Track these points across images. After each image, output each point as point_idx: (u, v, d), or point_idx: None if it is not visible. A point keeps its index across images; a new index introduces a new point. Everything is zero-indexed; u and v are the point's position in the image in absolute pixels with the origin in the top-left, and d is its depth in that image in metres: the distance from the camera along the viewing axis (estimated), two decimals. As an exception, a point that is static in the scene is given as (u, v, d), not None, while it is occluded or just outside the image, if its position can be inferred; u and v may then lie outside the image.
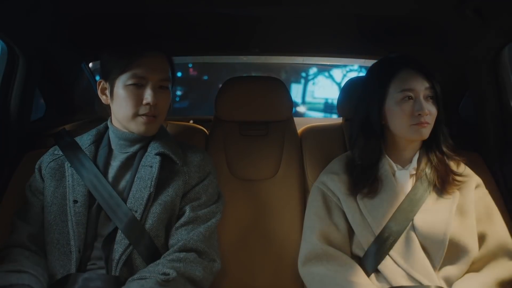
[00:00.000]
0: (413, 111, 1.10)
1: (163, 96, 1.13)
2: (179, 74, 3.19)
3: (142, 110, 1.10)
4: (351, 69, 3.15)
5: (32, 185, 1.18)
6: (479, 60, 1.40)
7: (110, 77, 1.13)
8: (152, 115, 1.11)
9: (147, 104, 1.09)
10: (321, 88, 3.19)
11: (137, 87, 1.10)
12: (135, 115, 1.11)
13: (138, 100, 1.10)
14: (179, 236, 1.10)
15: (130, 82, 1.10)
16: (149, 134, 1.16)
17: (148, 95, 1.09)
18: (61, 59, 1.53)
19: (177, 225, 1.12)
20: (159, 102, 1.11)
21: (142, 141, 1.17)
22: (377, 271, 1.09)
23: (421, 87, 1.11)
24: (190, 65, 3.20)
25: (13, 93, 1.31)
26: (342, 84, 1.52)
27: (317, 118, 2.95)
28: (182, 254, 1.06)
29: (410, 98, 1.11)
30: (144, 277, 0.99)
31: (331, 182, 1.18)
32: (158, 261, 1.05)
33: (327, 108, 3.18)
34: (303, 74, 3.28)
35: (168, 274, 0.99)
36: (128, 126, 1.14)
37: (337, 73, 3.19)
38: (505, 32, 1.26)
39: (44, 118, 1.63)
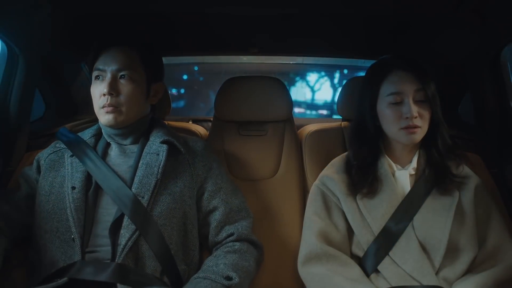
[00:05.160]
0: (402, 114, 1.10)
1: (124, 86, 1.15)
2: (185, 77, 3.26)
3: (102, 102, 1.14)
4: (321, 75, 3.32)
5: (25, 172, 1.23)
6: (479, 60, 1.40)
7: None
8: (111, 105, 1.13)
9: (104, 94, 1.13)
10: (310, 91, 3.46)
11: (99, 81, 1.16)
12: (99, 107, 1.15)
13: (99, 93, 1.15)
14: (228, 231, 1.17)
15: (94, 76, 1.17)
16: (117, 125, 1.16)
17: (104, 86, 1.13)
18: (61, 59, 1.53)
19: (216, 223, 1.18)
20: (119, 92, 1.14)
21: (132, 134, 1.20)
22: (376, 271, 1.09)
23: (410, 89, 1.10)
24: (196, 68, 3.25)
25: (13, 93, 1.31)
26: (316, 88, 1.54)
27: (314, 118, 3.15)
28: (237, 245, 1.14)
29: (399, 101, 1.10)
30: (209, 278, 1.04)
31: (331, 182, 1.18)
32: (215, 253, 1.13)
33: (312, 107, 3.49)
34: (297, 78, 3.40)
35: (231, 279, 1.04)
36: (100, 120, 1.19)
37: (312, 77, 3.41)
38: (505, 33, 1.26)
39: (43, 118, 1.63)
